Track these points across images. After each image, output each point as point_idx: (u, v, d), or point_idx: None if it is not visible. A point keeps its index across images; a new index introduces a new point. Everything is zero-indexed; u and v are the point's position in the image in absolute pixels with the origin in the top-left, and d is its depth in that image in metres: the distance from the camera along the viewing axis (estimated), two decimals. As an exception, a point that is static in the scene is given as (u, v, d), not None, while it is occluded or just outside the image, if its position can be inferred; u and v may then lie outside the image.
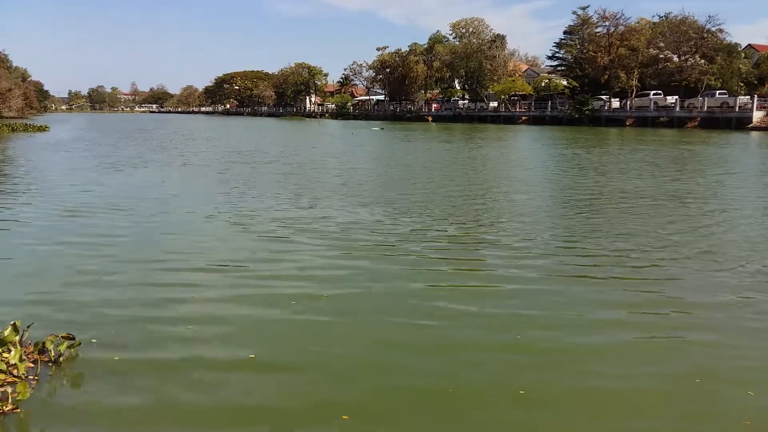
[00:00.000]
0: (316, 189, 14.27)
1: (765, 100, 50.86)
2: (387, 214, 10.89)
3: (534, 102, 71.96)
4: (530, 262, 7.61)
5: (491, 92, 78.42)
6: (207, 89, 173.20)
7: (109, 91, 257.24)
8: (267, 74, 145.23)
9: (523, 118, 69.87)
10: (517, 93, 76.19)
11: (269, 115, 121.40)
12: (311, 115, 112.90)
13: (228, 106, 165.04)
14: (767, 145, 33.14)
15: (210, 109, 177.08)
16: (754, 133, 44.54)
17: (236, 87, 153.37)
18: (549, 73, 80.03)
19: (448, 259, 7.79)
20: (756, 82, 58.24)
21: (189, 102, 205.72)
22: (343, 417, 3.82)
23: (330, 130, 54.54)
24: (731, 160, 23.84)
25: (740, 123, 49.37)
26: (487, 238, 9.06)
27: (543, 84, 74.47)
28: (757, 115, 49.22)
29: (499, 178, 17.35)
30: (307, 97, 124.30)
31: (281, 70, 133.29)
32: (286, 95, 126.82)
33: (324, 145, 33.76)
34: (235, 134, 46.48)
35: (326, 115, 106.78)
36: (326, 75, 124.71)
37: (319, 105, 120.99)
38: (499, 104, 76.85)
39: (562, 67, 75.88)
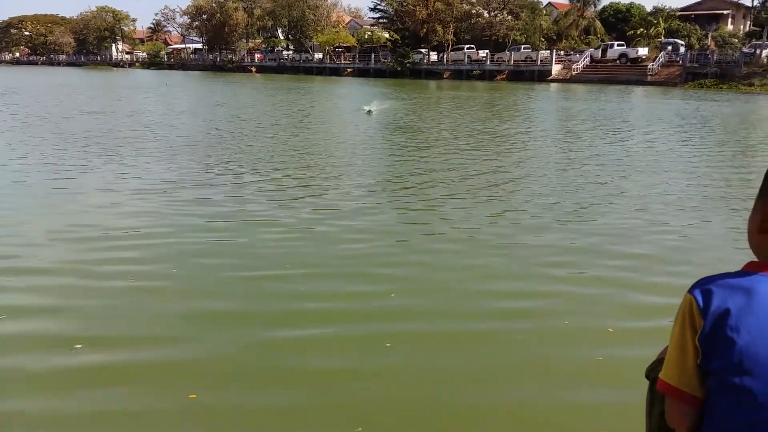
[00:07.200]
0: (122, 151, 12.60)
1: (562, 55, 55.94)
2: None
3: (358, 54, 72.09)
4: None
5: (316, 43, 77.01)
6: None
7: None
8: (64, 18, 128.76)
9: (349, 70, 69.86)
10: (341, 45, 75.63)
11: (69, 64, 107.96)
12: (119, 64, 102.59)
13: (18, 54, 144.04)
14: (567, 96, 36.50)
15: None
16: (553, 85, 48.93)
17: (26, 33, 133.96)
18: (372, 25, 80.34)
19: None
20: (555, 37, 63.72)
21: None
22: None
23: (141, 81, 49.71)
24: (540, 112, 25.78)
25: (542, 75, 53.91)
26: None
27: (366, 36, 74.69)
28: (555, 68, 54.07)
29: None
30: (113, 45, 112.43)
31: (81, 14, 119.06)
32: (87, 42, 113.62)
33: (132, 100, 30.56)
34: (31, 87, 40.34)
35: (137, 64, 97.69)
36: (134, 20, 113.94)
37: (128, 53, 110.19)
38: (324, 56, 75.86)
39: (384, 20, 76.61)
